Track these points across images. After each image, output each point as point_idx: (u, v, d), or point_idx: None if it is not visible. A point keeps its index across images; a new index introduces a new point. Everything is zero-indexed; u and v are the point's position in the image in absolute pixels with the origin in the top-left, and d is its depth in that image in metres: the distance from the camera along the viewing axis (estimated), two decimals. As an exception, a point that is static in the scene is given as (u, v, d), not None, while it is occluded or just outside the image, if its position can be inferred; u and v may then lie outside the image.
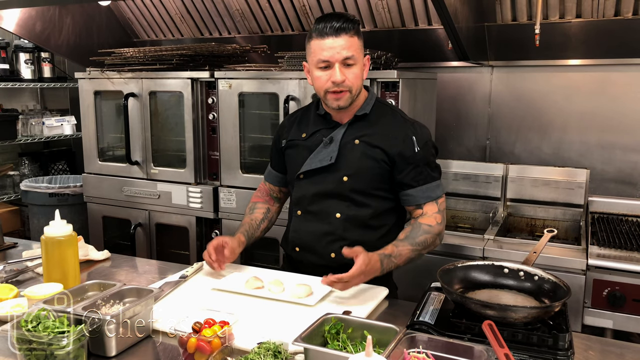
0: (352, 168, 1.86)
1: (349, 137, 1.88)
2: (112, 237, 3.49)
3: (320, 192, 1.91)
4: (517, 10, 2.92)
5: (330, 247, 1.89)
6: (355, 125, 1.90)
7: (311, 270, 1.90)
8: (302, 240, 1.96)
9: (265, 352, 1.23)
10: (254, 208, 2.13)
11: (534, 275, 1.59)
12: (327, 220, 1.90)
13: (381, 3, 3.01)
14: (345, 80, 1.78)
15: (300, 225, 1.97)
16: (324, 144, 1.89)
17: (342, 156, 1.87)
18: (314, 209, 1.93)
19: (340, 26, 1.74)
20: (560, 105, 3.08)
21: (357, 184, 1.87)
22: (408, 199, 1.89)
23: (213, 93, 3.03)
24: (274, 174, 2.14)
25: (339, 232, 1.89)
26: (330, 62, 1.77)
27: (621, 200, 2.91)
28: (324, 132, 1.92)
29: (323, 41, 1.76)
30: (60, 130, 4.26)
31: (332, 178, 1.88)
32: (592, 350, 1.41)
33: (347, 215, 1.89)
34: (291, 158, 2.00)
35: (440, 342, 1.25)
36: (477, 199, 3.07)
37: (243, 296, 1.71)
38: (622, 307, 2.21)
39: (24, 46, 4.13)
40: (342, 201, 1.89)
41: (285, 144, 2.02)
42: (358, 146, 1.87)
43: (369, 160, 1.86)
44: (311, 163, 1.90)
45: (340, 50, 1.75)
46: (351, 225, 1.89)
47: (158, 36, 3.92)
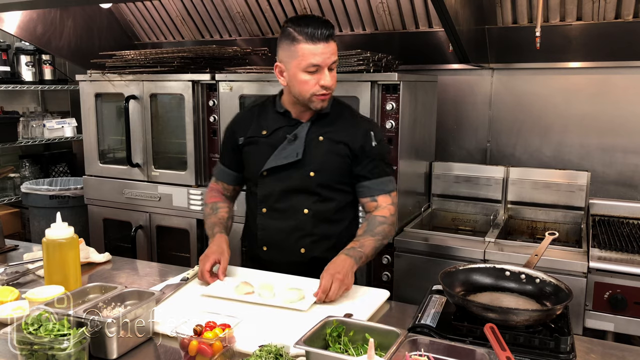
0: (318, 163, 1.91)
1: (313, 133, 1.92)
2: (113, 240, 3.49)
3: (287, 189, 1.93)
4: (518, 13, 2.92)
5: (300, 243, 1.94)
6: (318, 123, 1.94)
7: (280, 268, 1.93)
8: (271, 238, 1.97)
9: (267, 355, 1.22)
10: (217, 208, 2.09)
11: (536, 278, 1.59)
12: (294, 216, 1.94)
13: (382, 5, 3.02)
14: (332, 83, 1.86)
15: (267, 223, 1.98)
16: (288, 141, 1.92)
17: (308, 152, 1.91)
18: (280, 206, 1.95)
19: (329, 33, 1.81)
20: (560, 107, 3.08)
21: (323, 179, 1.92)
22: (364, 190, 1.96)
23: (214, 95, 3.03)
24: (228, 173, 2.11)
25: (307, 228, 1.93)
26: (320, 67, 1.81)
27: (622, 203, 2.91)
28: (286, 130, 1.94)
29: (315, 46, 1.79)
30: (61, 132, 4.26)
31: (298, 174, 1.91)
32: (593, 353, 1.40)
33: (314, 210, 1.93)
34: (251, 155, 2.00)
35: (441, 345, 1.25)
36: (478, 202, 3.07)
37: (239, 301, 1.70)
38: (624, 310, 2.21)
39: (25, 48, 4.13)
40: (309, 196, 1.93)
41: (243, 141, 2.01)
42: (323, 142, 1.92)
43: (334, 155, 1.92)
44: (276, 160, 1.92)
45: (330, 55, 1.82)
46: (318, 219, 1.94)
47: (159, 38, 3.92)
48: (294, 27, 1.81)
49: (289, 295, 1.67)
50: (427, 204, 3.13)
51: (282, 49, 1.86)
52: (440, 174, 3.14)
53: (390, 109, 2.56)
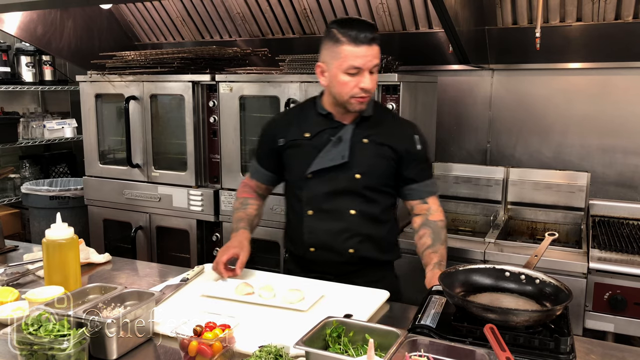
0: (364, 166, 1.93)
1: (357, 136, 1.94)
2: (113, 240, 3.49)
3: (333, 191, 1.94)
4: (518, 14, 2.92)
5: (348, 243, 1.95)
6: (361, 125, 1.95)
7: (327, 268, 1.95)
8: (319, 240, 1.97)
9: (267, 355, 1.22)
10: (247, 204, 2.11)
11: (535, 279, 1.58)
12: (341, 217, 1.95)
13: (382, 6, 3.02)
14: (372, 86, 1.86)
15: (314, 224, 1.98)
16: (333, 143, 1.92)
17: (353, 155, 1.92)
18: (327, 207, 1.96)
19: (373, 37, 1.83)
20: (560, 108, 3.08)
21: (369, 181, 1.93)
22: (412, 193, 1.99)
23: (214, 96, 3.03)
24: (263, 173, 2.12)
25: (354, 228, 1.95)
26: (361, 70, 1.82)
27: (622, 204, 2.91)
28: (329, 132, 1.95)
29: (357, 49, 1.80)
30: (61, 133, 4.26)
31: (344, 176, 1.92)
32: (593, 354, 1.40)
33: (360, 211, 1.95)
34: (295, 158, 2.01)
35: (441, 346, 1.25)
36: (478, 202, 3.07)
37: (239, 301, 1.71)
38: (624, 310, 2.21)
39: (25, 49, 4.13)
40: (355, 198, 1.94)
41: (284, 143, 2.02)
42: (367, 145, 1.93)
43: (380, 158, 1.94)
44: (322, 162, 1.93)
45: (372, 59, 1.83)
46: (364, 220, 1.95)
47: (159, 39, 3.92)
48: (338, 28, 1.82)
49: (289, 295, 1.67)
50: (427, 204, 3.13)
51: (324, 50, 1.88)
52: (440, 174, 3.14)
53: (391, 110, 2.56)
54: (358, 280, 1.92)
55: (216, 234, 3.12)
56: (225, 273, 1.87)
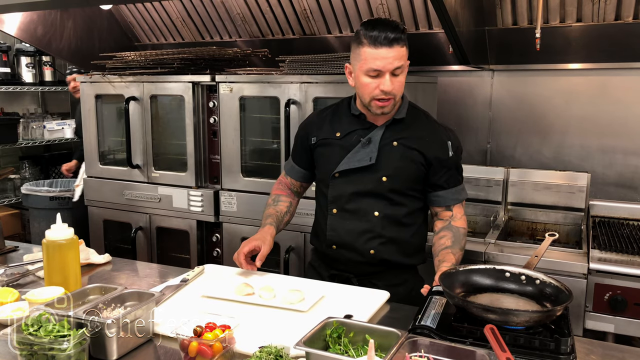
0: (390, 169, 1.91)
1: (387, 139, 1.93)
2: (113, 241, 3.48)
3: (358, 191, 1.94)
4: (518, 14, 2.92)
5: (370, 244, 1.94)
6: (392, 128, 1.94)
7: (348, 267, 1.96)
8: (341, 238, 1.97)
9: (267, 356, 1.22)
10: (278, 200, 2.14)
11: (536, 279, 1.58)
12: (365, 218, 1.94)
13: (382, 7, 3.02)
14: (393, 89, 1.83)
15: (337, 223, 1.98)
16: (362, 145, 1.92)
17: (381, 157, 1.91)
18: (351, 207, 1.96)
19: (395, 37, 1.79)
20: (561, 109, 3.08)
21: (395, 184, 1.92)
22: (438, 199, 1.97)
23: (214, 97, 3.03)
24: (297, 170, 2.15)
25: (377, 230, 1.94)
26: (381, 72, 1.81)
27: (622, 204, 2.91)
28: (360, 133, 1.95)
29: (377, 50, 1.79)
30: (61, 133, 4.27)
31: (370, 178, 1.92)
32: (593, 354, 1.40)
33: (384, 213, 1.94)
34: (324, 156, 2.02)
35: (442, 346, 1.25)
36: (478, 203, 3.07)
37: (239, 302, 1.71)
38: (624, 311, 2.21)
39: (26, 50, 4.14)
40: (380, 200, 1.93)
41: (316, 141, 2.03)
42: (397, 148, 1.92)
43: (408, 161, 1.92)
44: (349, 162, 1.93)
45: (393, 61, 1.80)
46: (388, 223, 1.94)
47: (159, 40, 3.93)
48: (363, 29, 1.82)
49: (289, 296, 1.67)
50: (427, 205, 3.13)
51: (351, 51, 1.89)
52: (440, 175, 3.14)
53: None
54: (379, 282, 1.94)
55: (216, 234, 3.12)
56: (246, 265, 1.90)
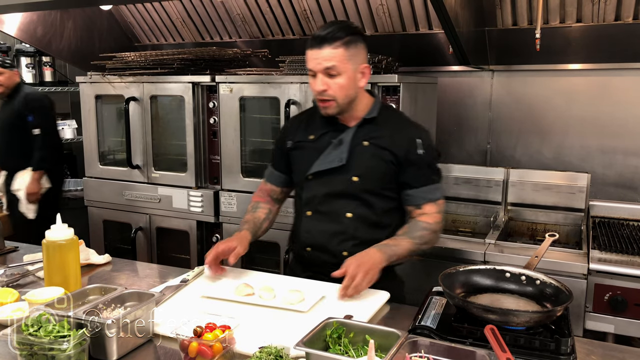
0: (361, 169, 1.91)
1: (358, 139, 1.92)
2: (113, 241, 3.49)
3: (331, 193, 1.94)
4: (518, 15, 2.92)
5: (342, 246, 1.93)
6: (364, 128, 1.94)
7: (323, 269, 1.93)
8: (315, 240, 1.98)
9: (267, 356, 1.22)
10: (257, 207, 2.13)
11: (536, 280, 1.58)
12: (338, 219, 1.94)
13: (382, 7, 3.02)
14: (327, 90, 1.83)
15: (311, 225, 1.99)
16: (334, 146, 1.93)
17: (352, 157, 1.91)
18: (324, 209, 1.96)
19: (325, 37, 1.80)
20: (560, 109, 3.08)
21: (366, 184, 1.91)
22: (408, 198, 1.95)
23: (214, 97, 3.03)
24: (276, 175, 2.14)
25: (350, 231, 1.93)
26: (314, 72, 1.83)
27: (622, 205, 2.91)
28: (332, 134, 1.95)
29: (310, 51, 1.84)
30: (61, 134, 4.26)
31: (341, 178, 1.92)
32: (594, 354, 1.40)
33: (357, 214, 1.93)
34: (298, 159, 2.02)
35: (442, 347, 1.25)
36: (478, 203, 3.07)
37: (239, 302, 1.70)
38: (624, 311, 2.21)
39: (26, 50, 4.14)
40: (352, 201, 1.93)
41: (291, 145, 2.04)
42: (367, 148, 1.91)
43: (378, 161, 1.91)
44: (321, 164, 1.93)
45: (322, 61, 1.81)
46: (361, 224, 1.93)
47: (159, 40, 3.92)
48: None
49: (290, 296, 1.67)
50: (427, 205, 3.13)
51: None
52: (440, 175, 3.14)
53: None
54: None
55: (216, 235, 3.11)
56: (214, 269, 1.87)
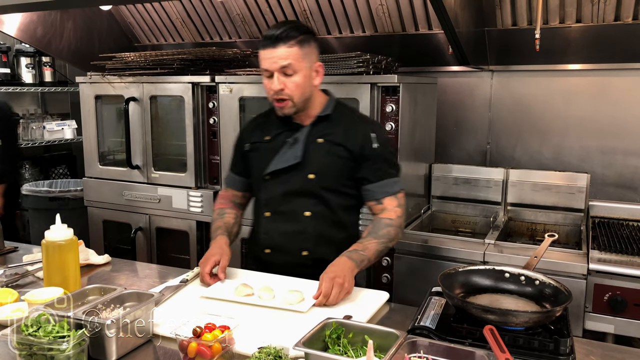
0: (317, 166, 1.91)
1: (313, 136, 1.93)
2: (113, 242, 3.48)
3: (289, 192, 1.94)
4: (518, 15, 2.92)
5: (302, 245, 1.94)
6: (318, 126, 1.95)
7: (283, 270, 1.93)
8: (274, 241, 1.98)
9: (266, 356, 1.22)
10: (223, 213, 2.11)
11: (535, 280, 1.58)
12: (297, 219, 1.94)
13: (382, 8, 3.02)
14: (284, 89, 1.84)
15: (270, 226, 1.99)
16: (289, 145, 1.94)
17: (308, 155, 1.91)
18: (283, 208, 1.96)
19: (279, 36, 1.81)
20: (560, 109, 3.08)
21: (323, 181, 1.92)
22: (368, 193, 1.96)
23: (214, 97, 3.03)
24: (237, 180, 2.14)
25: (309, 231, 1.94)
26: (270, 71, 1.83)
27: (622, 205, 2.91)
28: (287, 134, 1.96)
29: (264, 51, 1.85)
30: (61, 134, 4.26)
31: (298, 177, 1.92)
32: (593, 355, 1.40)
33: (315, 213, 1.93)
34: (255, 160, 2.03)
35: (441, 347, 1.25)
36: (478, 204, 3.07)
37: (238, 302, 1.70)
38: (623, 311, 2.21)
39: (25, 50, 4.14)
40: (310, 199, 1.93)
41: (248, 147, 2.05)
42: (322, 145, 1.92)
43: (334, 157, 1.92)
44: (277, 163, 1.94)
45: (277, 59, 1.82)
46: (320, 222, 1.94)
47: (159, 41, 3.92)
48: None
49: (289, 297, 1.67)
50: (427, 205, 3.14)
51: None
52: (440, 175, 3.14)
53: (390, 111, 2.56)
54: None
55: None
56: (211, 281, 1.84)
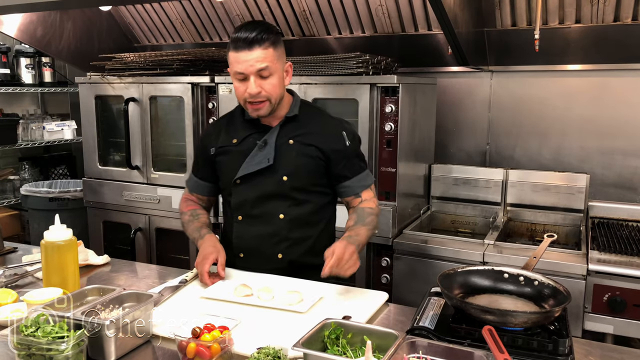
0: (290, 167, 1.90)
1: (283, 138, 1.92)
2: (112, 242, 3.48)
3: (262, 195, 1.92)
4: (517, 16, 2.93)
5: (277, 248, 1.93)
6: (287, 127, 1.94)
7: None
8: (247, 245, 1.97)
9: (265, 357, 1.22)
10: (196, 214, 2.08)
11: (534, 280, 1.58)
12: (271, 221, 1.93)
13: (381, 8, 3.02)
14: (261, 91, 1.82)
15: (242, 230, 1.97)
16: (259, 147, 1.91)
17: (279, 157, 1.90)
18: (256, 212, 1.94)
19: (254, 38, 1.78)
20: (560, 110, 3.08)
21: (296, 182, 1.91)
22: (346, 190, 1.97)
23: (213, 98, 3.03)
24: (202, 185, 2.10)
25: (283, 233, 1.93)
26: (245, 75, 1.81)
27: (621, 205, 2.91)
28: (256, 136, 1.94)
29: (237, 54, 1.80)
30: (61, 134, 4.26)
31: (271, 179, 1.91)
32: (592, 355, 1.40)
33: (289, 214, 1.93)
34: (224, 165, 1.99)
35: (440, 347, 1.25)
36: (477, 204, 3.07)
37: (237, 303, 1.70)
38: (623, 312, 2.21)
39: (25, 51, 4.14)
40: (284, 201, 1.92)
41: (215, 151, 2.00)
42: (293, 146, 1.91)
43: (306, 158, 1.91)
44: (248, 167, 1.91)
45: (254, 62, 1.79)
46: (294, 223, 1.93)
47: (159, 41, 3.93)
48: (232, 34, 1.84)
49: (288, 297, 1.67)
50: (427, 206, 3.14)
51: None
52: (439, 176, 3.14)
53: (390, 112, 2.57)
54: None
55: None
56: (211, 282, 1.83)
